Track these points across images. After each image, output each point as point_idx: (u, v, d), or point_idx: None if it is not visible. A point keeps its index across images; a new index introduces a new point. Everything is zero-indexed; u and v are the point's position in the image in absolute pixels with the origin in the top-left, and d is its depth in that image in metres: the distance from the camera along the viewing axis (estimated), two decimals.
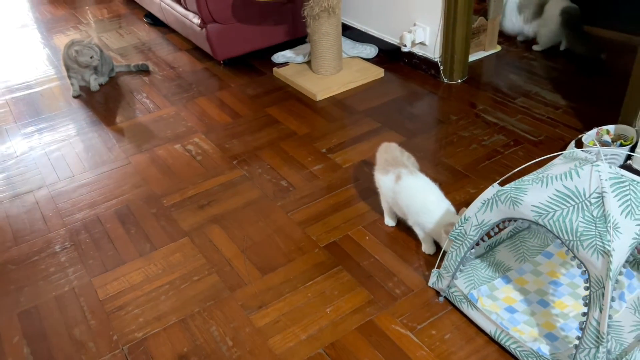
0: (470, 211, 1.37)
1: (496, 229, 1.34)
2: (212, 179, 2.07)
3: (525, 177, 1.29)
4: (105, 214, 1.92)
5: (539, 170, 1.32)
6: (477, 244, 1.38)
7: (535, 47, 2.84)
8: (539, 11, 2.74)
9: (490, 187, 1.33)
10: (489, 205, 1.32)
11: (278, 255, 1.69)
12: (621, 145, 1.90)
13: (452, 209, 1.58)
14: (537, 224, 1.22)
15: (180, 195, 1.99)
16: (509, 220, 1.30)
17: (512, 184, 1.29)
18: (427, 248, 1.66)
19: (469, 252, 1.40)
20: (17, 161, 2.25)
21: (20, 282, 1.67)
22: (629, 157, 1.91)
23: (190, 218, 1.87)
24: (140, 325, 1.49)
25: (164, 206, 1.94)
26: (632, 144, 1.88)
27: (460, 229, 1.39)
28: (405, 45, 2.67)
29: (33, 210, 1.96)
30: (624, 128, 1.93)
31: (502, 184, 1.33)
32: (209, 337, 1.45)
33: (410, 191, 1.60)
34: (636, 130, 1.90)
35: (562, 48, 2.79)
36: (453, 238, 1.41)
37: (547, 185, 1.23)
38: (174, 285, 1.61)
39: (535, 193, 1.24)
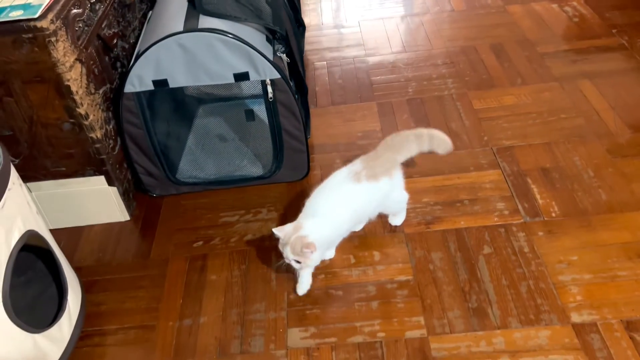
0: None
1: None
2: (587, 40, 2.07)
3: None
4: (481, 46, 2.11)
5: None
6: None
7: None
8: None
9: None
10: None
11: None
12: None
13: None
14: None
15: (553, 47, 2.05)
16: None
17: None
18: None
19: None
20: None
21: (408, 77, 2.00)
22: None
23: (562, 68, 1.94)
24: (507, 137, 1.69)
25: (536, 52, 2.04)
26: None
27: None
28: None
29: (419, 29, 2.27)
30: None
31: None
32: (570, 163, 1.57)
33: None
34: None
35: None
36: None
37: None
38: (541, 116, 1.75)
39: None
